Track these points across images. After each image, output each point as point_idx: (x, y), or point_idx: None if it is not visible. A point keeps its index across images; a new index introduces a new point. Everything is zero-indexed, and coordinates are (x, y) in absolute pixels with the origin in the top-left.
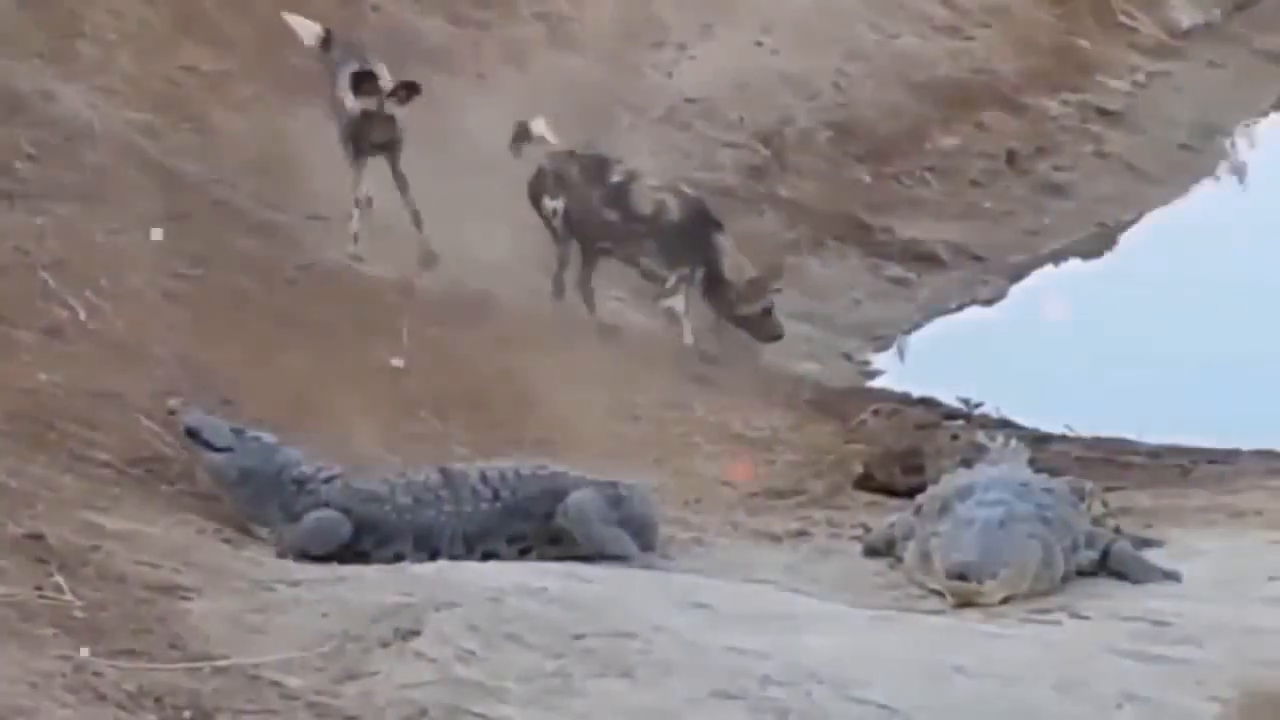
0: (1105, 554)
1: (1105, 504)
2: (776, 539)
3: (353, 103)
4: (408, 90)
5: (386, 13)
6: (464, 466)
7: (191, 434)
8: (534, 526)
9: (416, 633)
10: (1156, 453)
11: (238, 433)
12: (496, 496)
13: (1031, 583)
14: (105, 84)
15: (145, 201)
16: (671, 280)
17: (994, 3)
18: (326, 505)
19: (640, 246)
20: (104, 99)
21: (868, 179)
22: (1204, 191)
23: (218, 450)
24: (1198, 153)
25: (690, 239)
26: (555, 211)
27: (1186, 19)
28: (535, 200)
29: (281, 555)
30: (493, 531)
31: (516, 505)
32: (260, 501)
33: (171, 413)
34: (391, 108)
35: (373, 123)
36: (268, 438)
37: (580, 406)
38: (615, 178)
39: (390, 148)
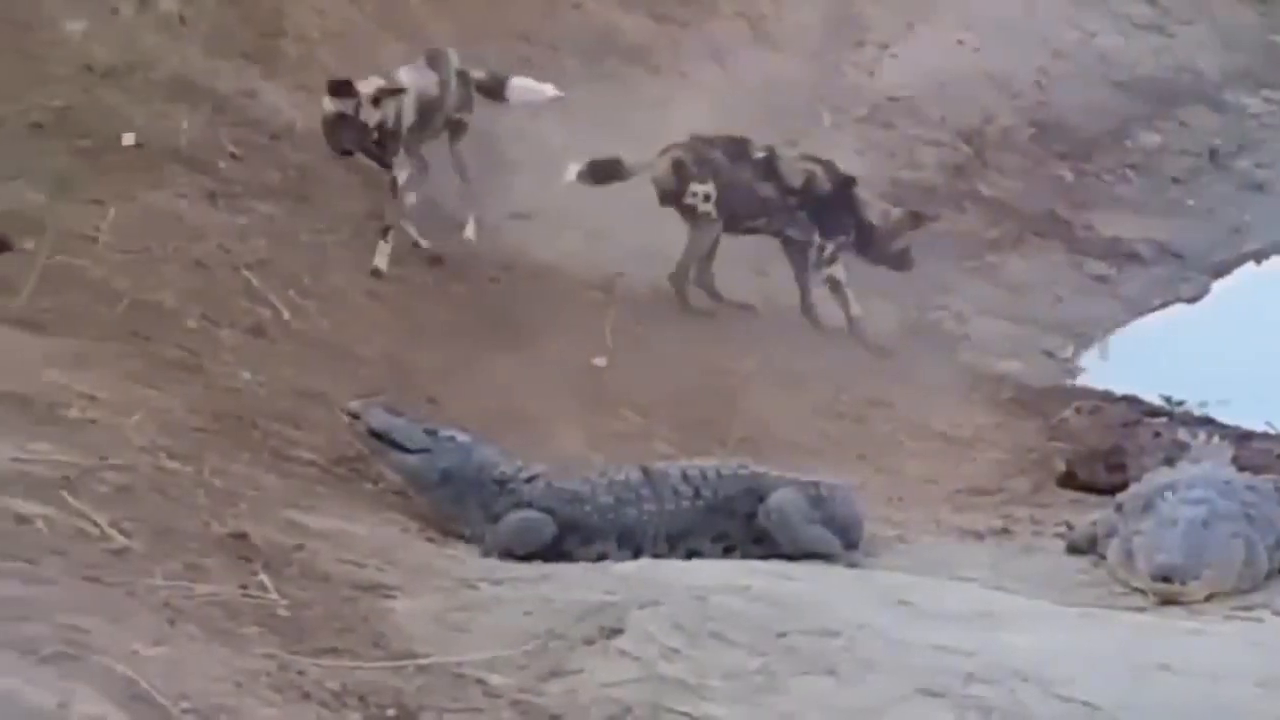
0: None
1: None
2: (979, 536)
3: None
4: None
5: (588, 10)
6: (665, 465)
7: (379, 436)
8: (737, 526)
9: (620, 631)
10: None
11: (430, 433)
12: (698, 495)
13: (1235, 581)
14: (308, 82)
15: (348, 200)
16: (830, 248)
17: (1196, 0)
18: (529, 505)
19: (792, 218)
20: (307, 97)
21: (1069, 176)
22: None
23: (413, 452)
24: None
25: (841, 202)
26: (707, 196)
27: None
28: (678, 190)
29: (485, 555)
30: (695, 530)
31: (718, 504)
32: (461, 501)
33: (352, 415)
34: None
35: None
36: (462, 436)
37: (783, 404)
38: (758, 154)
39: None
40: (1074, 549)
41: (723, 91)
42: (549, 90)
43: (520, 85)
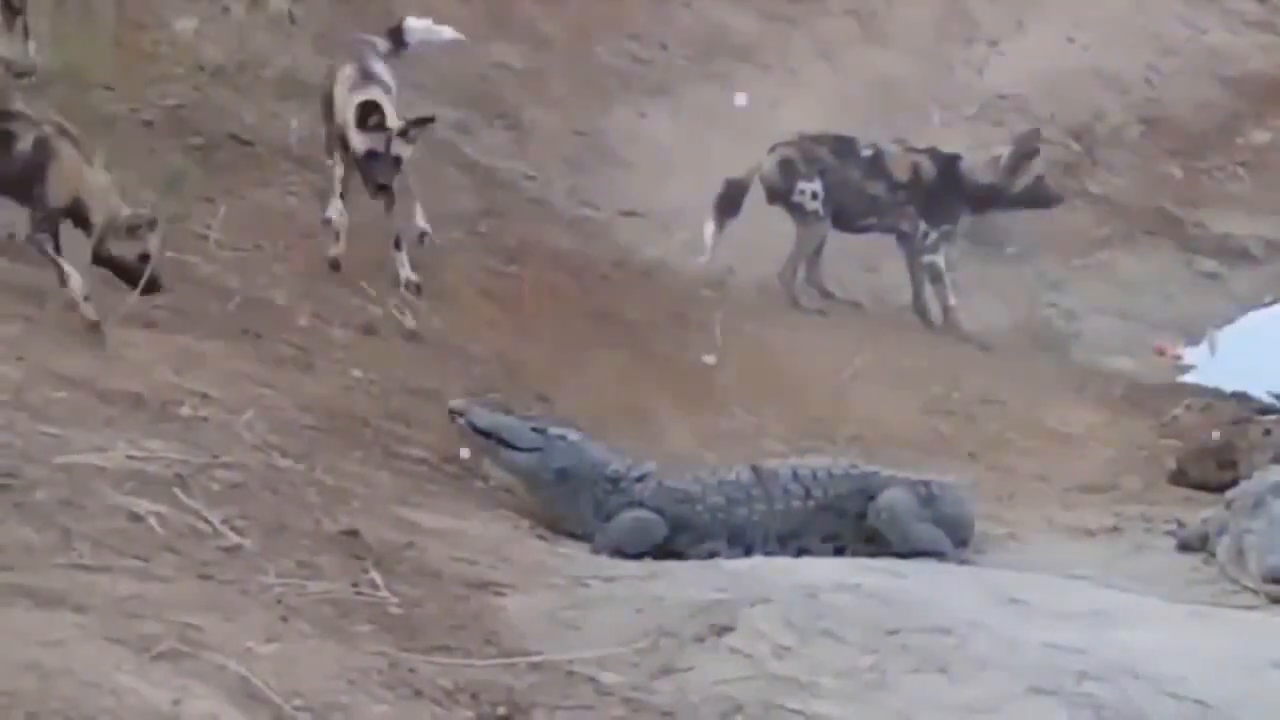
0: None
1: None
2: (1091, 534)
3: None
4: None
5: (697, 9)
6: (776, 465)
7: (487, 434)
8: (847, 525)
9: (731, 628)
10: None
11: (540, 431)
12: (809, 495)
13: None
14: (419, 81)
15: (460, 199)
16: (933, 236)
17: None
18: (641, 504)
19: (902, 213)
20: (418, 96)
21: (1179, 174)
22: None
23: (525, 450)
24: None
25: (949, 185)
26: (814, 194)
27: None
28: (786, 189)
29: (595, 552)
30: (805, 530)
31: (829, 504)
32: (574, 500)
33: (454, 413)
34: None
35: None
36: (572, 435)
37: (894, 402)
38: (865, 151)
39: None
40: (1185, 547)
41: (832, 89)
42: (447, 32)
43: (417, 26)
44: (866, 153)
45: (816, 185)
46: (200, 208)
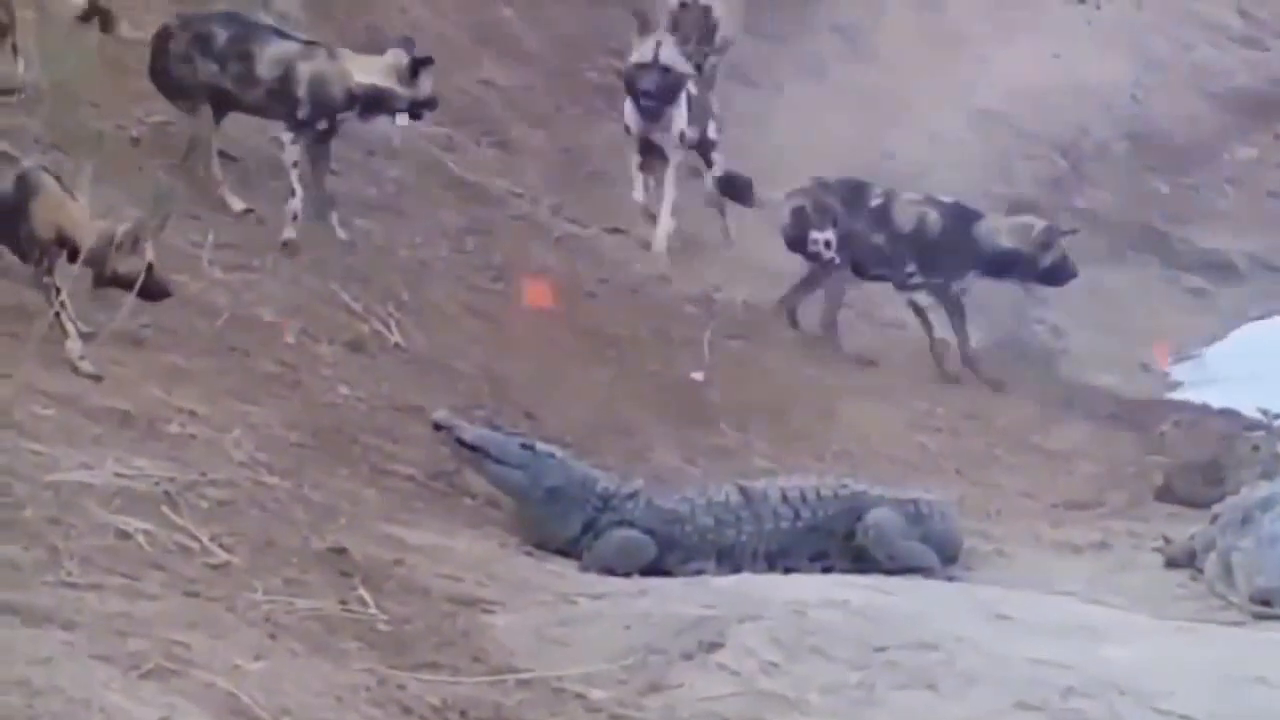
0: None
1: None
2: (1078, 550)
3: None
4: None
5: None
6: (764, 485)
7: (472, 448)
8: (835, 544)
9: (719, 645)
10: None
11: (528, 448)
12: (797, 516)
13: None
14: None
15: (446, 215)
16: (919, 279)
17: None
18: (630, 524)
19: (906, 263)
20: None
21: (1165, 189)
22: None
23: (512, 466)
24: None
25: (959, 242)
26: (828, 244)
27: None
28: (801, 237)
29: (584, 570)
30: (794, 550)
31: (817, 524)
32: (563, 517)
33: (438, 427)
34: None
35: None
36: (559, 452)
37: (880, 419)
38: (875, 200)
39: None
40: (1172, 563)
41: (818, 105)
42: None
43: None
44: (876, 201)
45: (829, 234)
46: (188, 225)
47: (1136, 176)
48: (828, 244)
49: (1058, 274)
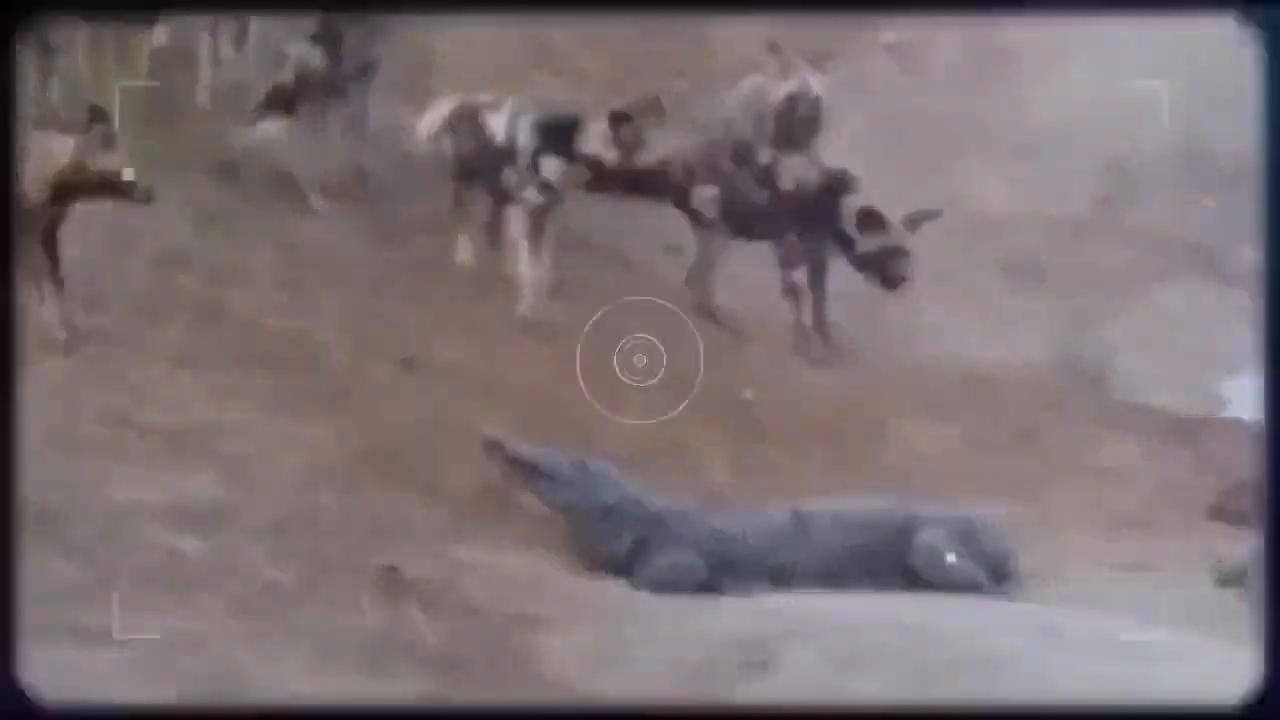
0: None
1: None
2: (1129, 569)
3: None
4: None
5: (734, 45)
6: (816, 508)
7: (524, 465)
8: (887, 566)
9: (771, 664)
10: None
11: (580, 466)
12: (849, 537)
13: None
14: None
15: None
16: (799, 252)
17: None
18: (682, 543)
19: (784, 227)
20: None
21: (1216, 207)
22: None
23: (564, 484)
24: None
25: (822, 210)
26: (712, 200)
27: None
28: (682, 193)
29: (635, 589)
30: (846, 571)
31: (869, 547)
32: (614, 536)
33: (492, 445)
34: None
35: None
36: (612, 471)
37: (933, 437)
38: (763, 160)
39: None
40: (1224, 582)
41: (867, 125)
42: None
43: None
44: (763, 160)
45: (713, 191)
46: (239, 243)
47: (1188, 194)
48: (710, 200)
49: (886, 278)
